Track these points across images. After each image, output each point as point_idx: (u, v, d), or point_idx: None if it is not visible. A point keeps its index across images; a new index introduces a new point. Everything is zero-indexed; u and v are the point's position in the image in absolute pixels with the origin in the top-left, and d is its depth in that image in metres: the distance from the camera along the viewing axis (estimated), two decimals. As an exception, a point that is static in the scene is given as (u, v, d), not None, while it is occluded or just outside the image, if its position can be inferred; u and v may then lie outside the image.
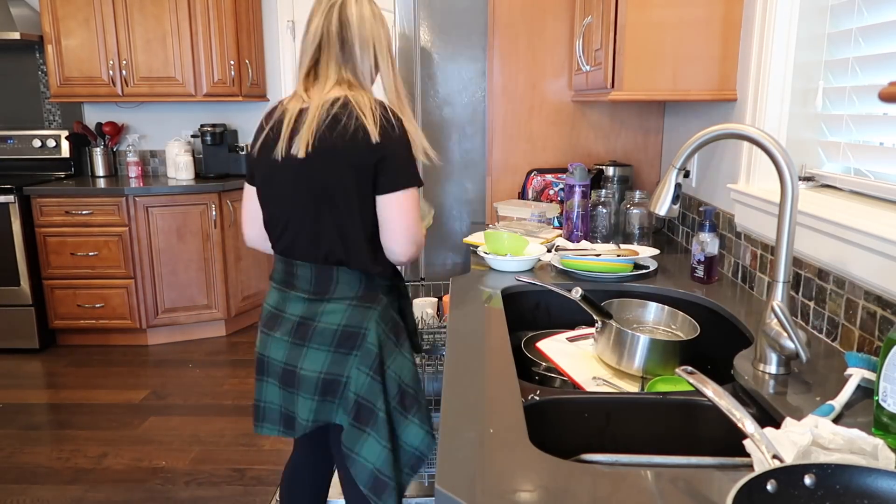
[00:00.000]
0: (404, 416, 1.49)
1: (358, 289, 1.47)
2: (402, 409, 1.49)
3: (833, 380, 1.10)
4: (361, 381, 1.44)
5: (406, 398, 1.50)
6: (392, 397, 1.48)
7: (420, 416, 1.51)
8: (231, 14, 3.92)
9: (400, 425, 1.49)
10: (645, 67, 1.76)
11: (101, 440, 2.89)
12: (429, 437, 1.50)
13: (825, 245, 1.27)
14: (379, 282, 1.51)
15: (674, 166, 1.18)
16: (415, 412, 1.51)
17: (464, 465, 0.85)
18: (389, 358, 1.48)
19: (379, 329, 1.47)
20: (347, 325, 1.45)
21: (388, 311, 1.51)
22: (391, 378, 1.48)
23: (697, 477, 0.82)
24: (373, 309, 1.47)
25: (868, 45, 1.39)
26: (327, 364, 1.45)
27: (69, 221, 3.79)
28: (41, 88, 4.31)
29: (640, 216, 2.14)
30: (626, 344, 1.33)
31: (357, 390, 1.44)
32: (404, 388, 1.50)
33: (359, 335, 1.45)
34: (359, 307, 1.46)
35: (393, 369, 1.49)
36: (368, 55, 1.45)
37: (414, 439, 1.49)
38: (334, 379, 1.45)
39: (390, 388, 1.48)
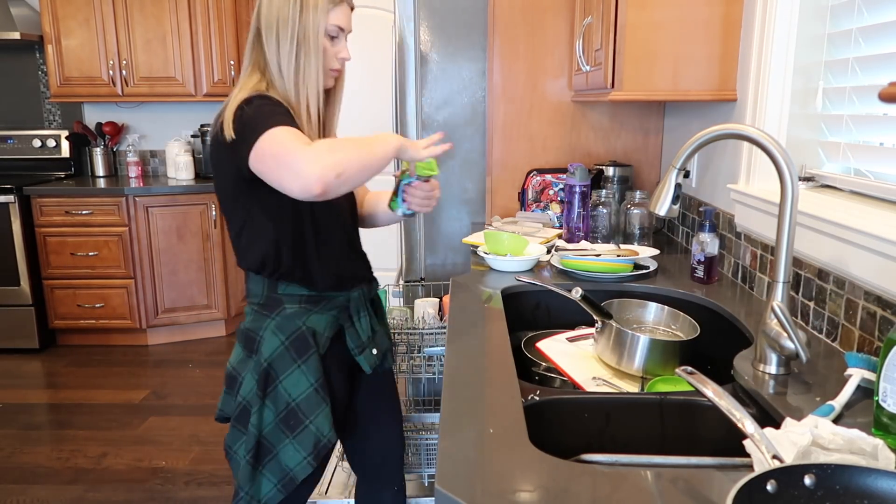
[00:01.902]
0: (285, 435, 1.39)
1: (261, 294, 1.42)
2: (286, 427, 1.39)
3: (833, 380, 1.10)
4: (249, 386, 1.40)
5: (291, 418, 1.39)
6: (278, 412, 1.39)
7: (301, 439, 1.39)
8: (231, 14, 3.92)
9: (280, 443, 1.40)
10: (645, 67, 1.76)
11: (101, 440, 2.89)
12: (305, 463, 1.39)
13: (825, 245, 1.27)
14: (285, 289, 1.40)
15: (674, 166, 1.18)
16: (297, 434, 1.39)
17: (464, 465, 0.85)
18: (283, 372, 1.38)
19: (275, 339, 1.39)
20: (248, 328, 1.44)
21: (291, 322, 1.40)
22: (280, 393, 1.39)
23: (697, 477, 0.82)
24: (269, 318, 1.41)
25: (868, 45, 1.39)
26: (235, 359, 1.46)
27: (69, 221, 3.79)
28: (41, 88, 4.31)
29: (641, 216, 2.14)
30: (626, 344, 1.33)
31: (244, 394, 1.41)
32: (293, 406, 1.39)
33: (255, 340, 1.42)
34: (259, 313, 1.43)
35: (284, 385, 1.39)
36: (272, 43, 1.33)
37: (290, 460, 1.40)
38: (234, 375, 1.46)
39: (278, 402, 1.39)
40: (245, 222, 1.38)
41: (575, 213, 2.07)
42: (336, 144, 1.22)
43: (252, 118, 1.25)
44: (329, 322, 1.44)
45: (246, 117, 1.26)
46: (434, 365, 2.01)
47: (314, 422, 1.39)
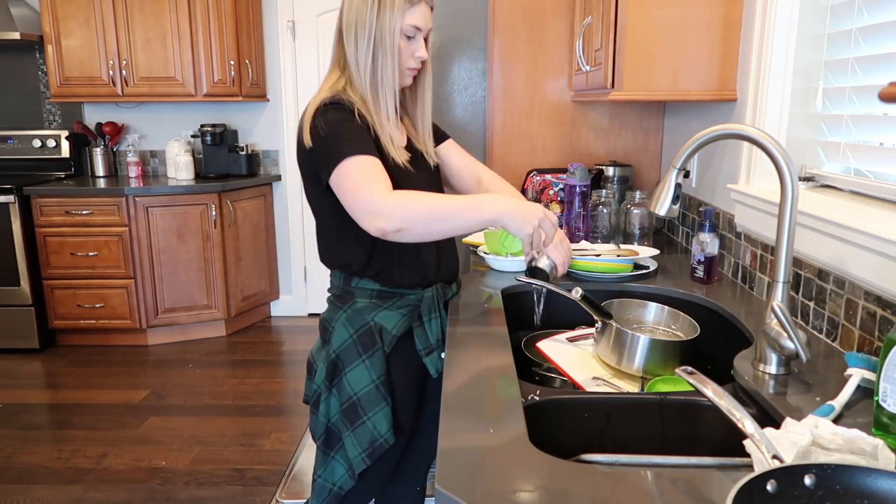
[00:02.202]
0: (346, 427, 1.43)
1: (338, 286, 1.48)
2: (346, 420, 1.43)
3: (833, 380, 1.10)
4: (321, 375, 1.47)
5: (351, 411, 1.42)
6: (342, 403, 1.43)
7: (358, 434, 1.42)
8: (231, 14, 3.92)
9: (343, 432, 1.44)
10: (645, 67, 1.76)
11: (101, 440, 2.89)
12: (359, 459, 1.42)
13: (825, 245, 1.27)
14: (359, 283, 1.44)
15: (674, 166, 1.18)
16: (354, 428, 1.42)
17: (464, 465, 0.85)
18: (349, 365, 1.42)
19: (344, 331, 1.43)
20: (324, 318, 1.50)
21: (360, 315, 1.43)
22: (345, 385, 1.43)
23: (697, 477, 0.82)
24: (341, 309, 1.45)
25: (868, 45, 1.39)
26: (315, 348, 1.54)
27: (69, 221, 3.79)
28: (41, 88, 4.31)
29: (641, 216, 2.14)
30: (626, 344, 1.33)
31: (317, 381, 1.49)
32: (354, 400, 1.42)
33: (328, 331, 1.47)
34: (334, 304, 1.49)
35: (349, 378, 1.42)
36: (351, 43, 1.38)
37: (351, 451, 1.43)
38: (312, 363, 1.53)
39: (342, 393, 1.43)
40: (327, 221, 1.44)
41: (575, 212, 2.07)
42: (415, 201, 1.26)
43: (330, 137, 1.31)
44: (399, 320, 1.44)
45: (324, 134, 1.32)
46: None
47: (372, 418, 1.41)
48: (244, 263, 4.12)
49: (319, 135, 1.32)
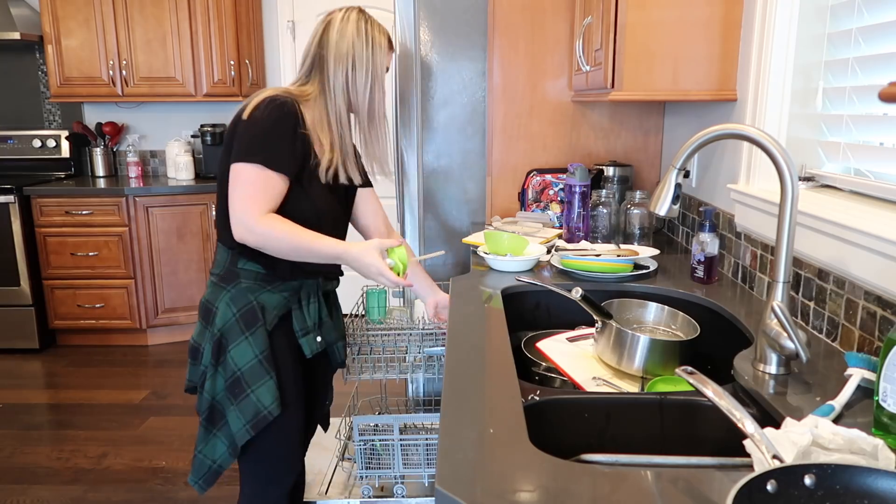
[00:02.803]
0: (231, 403, 1.52)
1: (222, 267, 1.56)
2: (231, 395, 1.52)
3: (833, 380, 1.10)
4: (206, 355, 1.55)
5: (236, 386, 1.51)
6: (226, 380, 1.52)
7: (242, 407, 1.51)
8: (231, 14, 3.92)
9: (227, 408, 1.53)
10: (645, 67, 1.76)
11: (101, 440, 2.89)
12: (244, 430, 1.51)
13: (825, 245, 1.27)
14: (244, 265, 1.53)
15: (674, 166, 1.18)
16: (239, 401, 1.51)
17: (464, 465, 0.85)
18: (232, 342, 1.51)
19: (227, 310, 1.52)
20: (206, 300, 1.58)
21: (244, 296, 1.53)
22: (228, 362, 1.52)
23: (697, 477, 0.82)
24: (225, 289, 1.54)
25: (868, 45, 1.39)
26: (196, 332, 1.61)
27: (69, 221, 3.79)
28: (41, 88, 4.31)
29: (641, 216, 2.14)
30: (626, 344, 1.33)
31: (204, 363, 1.56)
32: (238, 375, 1.51)
33: (211, 312, 1.55)
34: (217, 285, 1.56)
35: (232, 354, 1.51)
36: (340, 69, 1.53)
37: (234, 425, 1.52)
38: (196, 346, 1.59)
39: (226, 370, 1.52)
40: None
41: (575, 213, 2.07)
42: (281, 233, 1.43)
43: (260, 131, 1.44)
44: (279, 302, 1.56)
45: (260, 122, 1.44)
46: (434, 365, 2.01)
47: (256, 391, 1.50)
48: (244, 263, 4.12)
49: (255, 120, 1.44)
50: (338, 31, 1.53)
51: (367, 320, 2.13)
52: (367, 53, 1.53)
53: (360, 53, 1.53)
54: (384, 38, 1.58)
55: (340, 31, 1.53)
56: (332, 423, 2.45)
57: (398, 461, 1.99)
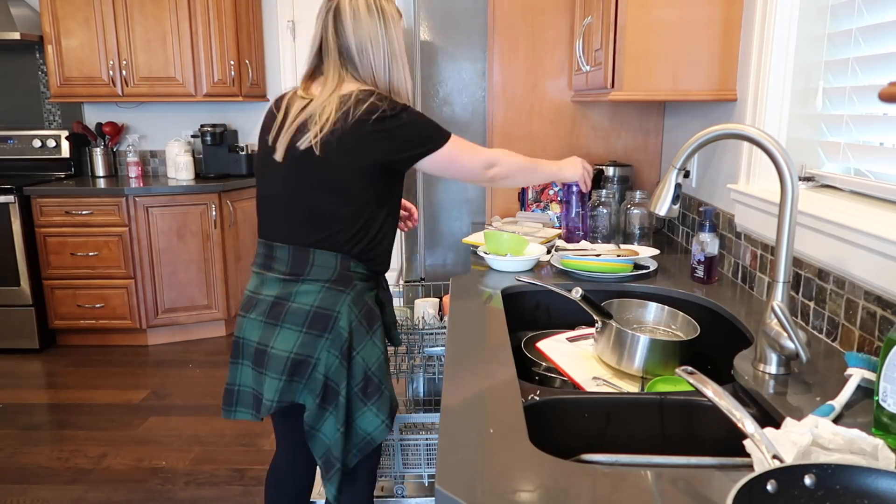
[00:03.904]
0: (363, 403, 1.50)
1: (332, 272, 1.49)
2: (364, 395, 1.50)
3: (833, 380, 1.10)
4: (331, 363, 1.46)
5: (369, 385, 1.51)
6: (356, 383, 1.50)
7: (379, 404, 1.52)
8: (231, 14, 3.92)
9: (358, 410, 1.51)
10: (645, 67, 1.76)
11: (101, 440, 2.89)
12: (384, 426, 1.52)
13: (825, 245, 1.27)
14: (355, 267, 1.51)
15: (674, 166, 1.18)
16: (375, 400, 1.51)
17: (464, 465, 0.85)
18: (359, 344, 1.49)
19: (351, 314, 1.48)
20: (320, 307, 1.47)
21: (361, 297, 1.52)
22: (358, 364, 1.49)
23: (697, 477, 0.82)
24: (346, 293, 1.49)
25: (868, 45, 1.39)
26: (298, 344, 1.46)
27: (69, 221, 3.79)
28: (41, 88, 4.31)
29: (641, 216, 2.14)
30: (626, 344, 1.33)
31: (326, 372, 1.46)
32: (370, 374, 1.51)
33: (330, 318, 1.47)
34: (332, 290, 1.48)
35: (361, 355, 1.50)
36: (365, 57, 1.50)
37: (369, 425, 1.51)
38: (303, 360, 1.47)
39: (356, 373, 1.49)
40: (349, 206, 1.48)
41: (574, 212, 2.07)
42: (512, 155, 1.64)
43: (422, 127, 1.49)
44: (381, 297, 1.63)
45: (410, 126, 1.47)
46: (434, 365, 2.01)
47: (387, 387, 1.54)
48: (244, 263, 4.12)
49: (404, 123, 1.45)
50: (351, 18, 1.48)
51: None
52: (382, 31, 1.49)
53: (375, 34, 1.49)
54: (393, 8, 1.52)
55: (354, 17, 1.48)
56: (332, 423, 2.45)
57: (398, 461, 1.99)
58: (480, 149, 1.57)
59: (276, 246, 1.52)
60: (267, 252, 1.55)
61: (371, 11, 1.48)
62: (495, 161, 1.59)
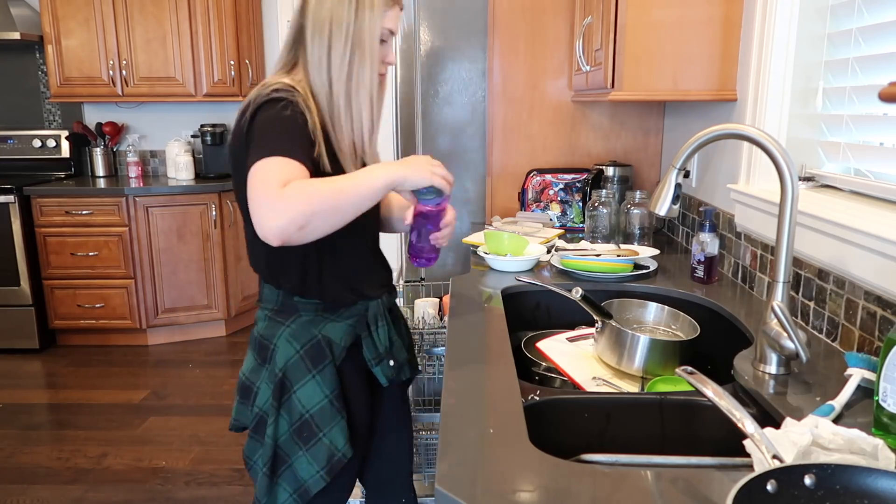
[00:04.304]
0: (298, 447, 1.33)
1: (275, 300, 1.34)
2: (299, 439, 1.32)
3: (833, 380, 1.10)
4: (264, 397, 1.34)
5: (304, 430, 1.32)
6: (291, 423, 1.32)
7: (314, 452, 1.32)
8: (231, 14, 3.92)
9: (293, 454, 1.33)
10: (645, 67, 1.76)
11: (101, 440, 2.89)
12: (318, 477, 1.32)
13: (825, 245, 1.27)
14: (308, 300, 1.32)
15: (674, 166, 1.18)
16: (311, 446, 1.32)
17: (464, 465, 0.85)
18: (297, 382, 1.31)
19: (289, 348, 1.31)
20: (262, 336, 1.36)
21: (306, 330, 1.32)
22: (294, 404, 1.32)
23: (697, 477, 0.82)
24: (284, 325, 1.33)
25: (868, 45, 1.39)
26: (248, 368, 1.40)
27: (69, 221, 3.79)
28: (41, 88, 4.31)
29: (641, 216, 2.14)
30: (626, 344, 1.33)
31: (260, 404, 1.35)
32: (306, 418, 1.31)
33: (268, 349, 1.34)
34: (273, 319, 1.34)
35: (298, 395, 1.31)
36: (318, 42, 1.24)
37: (304, 472, 1.33)
38: (249, 385, 1.39)
39: (291, 413, 1.32)
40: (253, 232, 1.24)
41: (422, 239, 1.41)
42: (309, 190, 1.08)
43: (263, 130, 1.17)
44: (346, 331, 1.35)
45: (261, 123, 1.18)
46: (434, 365, 2.01)
47: (328, 435, 1.32)
48: (244, 263, 4.12)
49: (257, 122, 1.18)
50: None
51: None
52: (349, 15, 1.22)
53: (339, 17, 1.22)
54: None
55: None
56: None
57: (398, 461, 1.99)
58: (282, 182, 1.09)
59: None
60: None
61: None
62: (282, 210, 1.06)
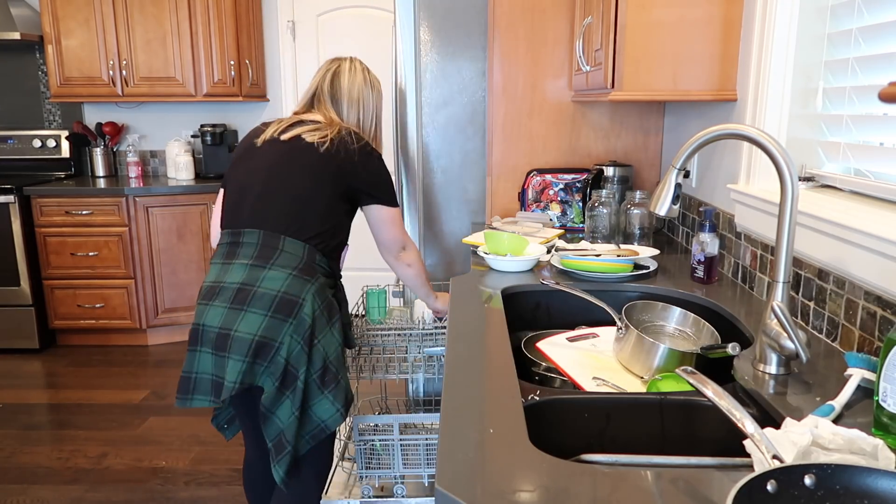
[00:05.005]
0: (320, 391, 1.58)
1: (300, 261, 1.60)
2: (321, 383, 1.58)
3: (833, 380, 1.10)
4: (293, 347, 1.53)
5: (327, 374, 1.59)
6: (315, 370, 1.57)
7: (336, 393, 1.59)
8: (231, 14, 3.92)
9: (315, 397, 1.58)
10: (645, 67, 1.76)
11: (101, 440, 2.89)
12: (338, 415, 1.59)
13: (825, 245, 1.27)
14: (320, 261, 1.64)
15: (674, 166, 1.18)
16: (332, 388, 1.59)
17: (464, 465, 0.85)
18: (320, 332, 1.58)
19: (315, 302, 1.57)
20: (287, 293, 1.55)
21: (323, 290, 1.63)
22: (318, 351, 1.57)
23: (697, 477, 0.82)
24: (311, 282, 1.59)
25: (868, 45, 1.39)
26: (262, 328, 1.52)
27: (69, 221, 3.79)
28: (41, 88, 4.31)
29: (641, 216, 2.13)
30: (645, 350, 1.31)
31: (288, 356, 1.53)
32: (328, 363, 1.59)
33: (296, 304, 1.55)
34: (299, 277, 1.58)
35: (322, 344, 1.58)
36: (353, 110, 1.81)
37: (324, 413, 1.58)
38: (267, 343, 1.52)
39: (315, 360, 1.57)
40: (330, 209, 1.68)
41: None
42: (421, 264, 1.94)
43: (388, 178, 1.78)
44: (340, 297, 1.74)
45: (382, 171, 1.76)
46: (434, 365, 2.01)
47: (343, 377, 1.63)
48: (244, 263, 4.12)
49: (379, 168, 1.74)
50: (349, 80, 1.79)
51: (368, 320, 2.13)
52: (373, 99, 1.84)
53: (367, 98, 1.82)
54: (379, 84, 1.87)
55: (351, 80, 1.80)
56: (332, 423, 2.45)
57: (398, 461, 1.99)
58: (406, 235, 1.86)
59: (244, 232, 1.60)
60: (233, 240, 1.62)
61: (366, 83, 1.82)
62: (409, 250, 1.88)
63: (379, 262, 4.94)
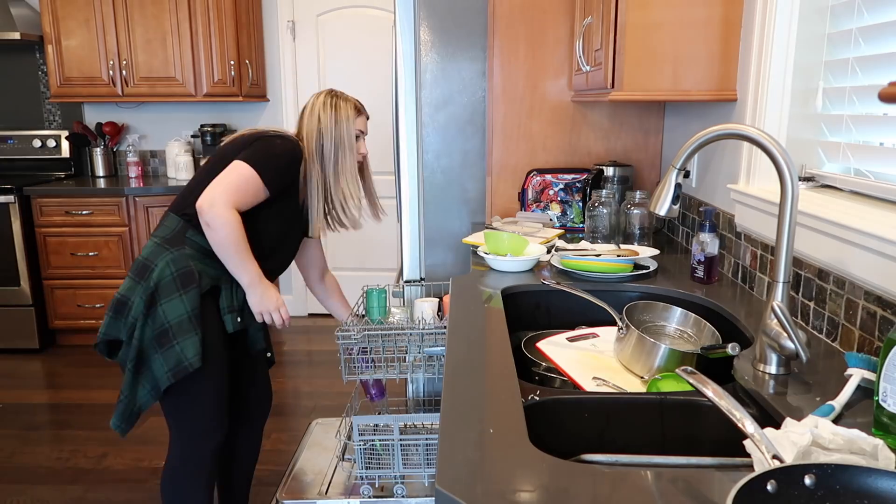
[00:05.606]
0: (156, 350, 1.70)
1: (170, 232, 1.76)
2: (157, 344, 1.69)
3: (833, 380, 1.10)
4: (137, 308, 1.69)
5: (163, 337, 1.69)
6: (153, 330, 1.69)
7: (167, 355, 1.69)
8: (231, 14, 3.92)
9: (152, 357, 1.71)
10: (645, 67, 1.76)
11: (101, 440, 2.89)
12: (166, 376, 1.69)
13: (825, 245, 1.27)
14: (192, 235, 1.75)
15: (674, 166, 1.18)
16: (165, 350, 1.69)
17: (464, 465, 0.85)
18: (165, 298, 1.69)
19: (167, 269, 1.70)
20: (146, 258, 1.74)
21: (185, 260, 1.72)
22: (158, 315, 1.69)
23: (697, 477, 0.82)
24: (169, 251, 1.73)
25: (868, 45, 1.39)
26: (126, 288, 1.75)
27: (69, 221, 3.79)
28: (41, 88, 4.31)
29: (641, 216, 2.13)
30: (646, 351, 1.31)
31: (133, 314, 1.70)
32: (167, 327, 1.69)
33: (148, 268, 1.72)
34: (160, 246, 1.74)
35: (163, 307, 1.69)
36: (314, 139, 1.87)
37: (158, 371, 1.70)
38: (124, 301, 1.73)
39: (155, 322, 1.69)
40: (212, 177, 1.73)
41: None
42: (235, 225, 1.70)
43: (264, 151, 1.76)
44: (214, 274, 1.77)
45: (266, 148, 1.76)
46: (434, 365, 2.01)
47: (180, 343, 1.69)
48: (244, 263, 4.12)
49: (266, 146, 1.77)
50: (310, 110, 1.88)
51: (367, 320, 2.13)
52: (332, 125, 1.86)
53: (325, 126, 1.85)
54: (351, 110, 1.89)
55: (311, 110, 1.88)
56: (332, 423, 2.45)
57: (398, 461, 1.99)
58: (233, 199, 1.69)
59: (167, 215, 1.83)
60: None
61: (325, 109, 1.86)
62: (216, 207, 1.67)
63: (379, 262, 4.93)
